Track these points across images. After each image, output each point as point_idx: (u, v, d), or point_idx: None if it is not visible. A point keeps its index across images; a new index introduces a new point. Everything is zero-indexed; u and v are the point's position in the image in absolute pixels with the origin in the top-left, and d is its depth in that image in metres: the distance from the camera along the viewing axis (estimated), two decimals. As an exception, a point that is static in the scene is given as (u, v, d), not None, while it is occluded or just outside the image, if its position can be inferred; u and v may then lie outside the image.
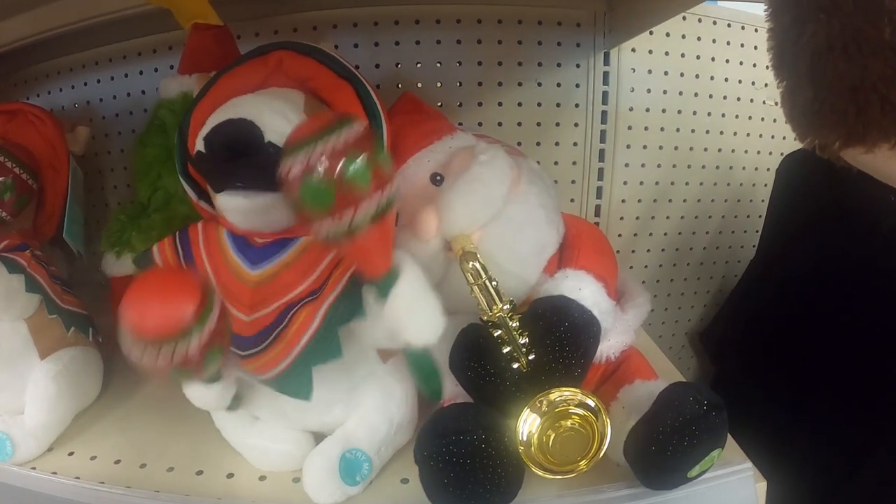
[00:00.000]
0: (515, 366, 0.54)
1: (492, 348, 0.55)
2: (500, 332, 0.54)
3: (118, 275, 0.84)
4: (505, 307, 0.54)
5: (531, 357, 0.54)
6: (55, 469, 0.63)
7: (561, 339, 0.55)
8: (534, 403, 0.53)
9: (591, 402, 0.53)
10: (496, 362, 0.55)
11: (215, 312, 0.46)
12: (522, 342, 0.54)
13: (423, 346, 0.50)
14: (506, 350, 0.54)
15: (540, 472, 0.54)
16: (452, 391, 0.60)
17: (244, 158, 0.50)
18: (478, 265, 0.55)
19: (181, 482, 0.61)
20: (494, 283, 0.54)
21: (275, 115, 0.51)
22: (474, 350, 0.56)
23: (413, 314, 0.50)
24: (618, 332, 0.63)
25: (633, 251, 1.08)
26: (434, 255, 0.61)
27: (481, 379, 0.55)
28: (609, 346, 0.62)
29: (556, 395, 0.53)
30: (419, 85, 0.94)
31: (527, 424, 0.53)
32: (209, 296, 0.46)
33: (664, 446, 0.50)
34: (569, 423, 0.53)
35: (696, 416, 0.50)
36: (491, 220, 0.61)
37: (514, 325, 0.54)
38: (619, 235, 1.05)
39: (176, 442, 0.67)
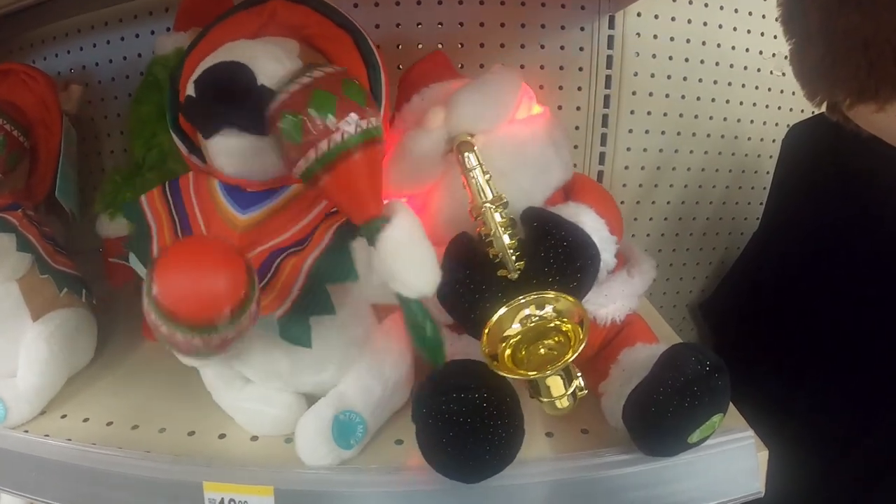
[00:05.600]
0: (502, 273, 0.53)
1: (479, 255, 0.54)
2: (488, 235, 0.53)
3: (112, 236, 0.84)
4: (492, 200, 0.54)
5: (519, 265, 0.53)
6: (47, 432, 0.63)
7: (555, 247, 0.53)
8: (516, 304, 0.51)
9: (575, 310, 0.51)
10: (483, 269, 0.54)
11: (254, 308, 0.45)
12: (508, 242, 0.53)
13: (416, 299, 0.49)
14: (493, 254, 0.53)
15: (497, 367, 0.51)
16: (456, 348, 0.59)
17: (236, 100, 0.49)
18: (472, 156, 0.55)
19: (172, 443, 0.61)
20: (488, 176, 0.55)
21: (268, 59, 0.50)
22: (460, 257, 0.54)
23: (404, 261, 0.48)
24: (624, 296, 0.62)
25: (634, 219, 1.07)
26: (436, 149, 0.61)
27: (467, 290, 0.53)
28: (615, 308, 0.61)
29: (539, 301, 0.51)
30: (420, 46, 0.93)
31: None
32: (252, 288, 0.45)
33: (664, 408, 0.49)
34: (549, 342, 0.52)
35: (698, 377, 0.49)
36: (496, 128, 0.61)
37: (500, 219, 0.53)
38: (622, 203, 1.04)
39: (168, 403, 0.67)
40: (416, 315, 0.49)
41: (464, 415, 0.48)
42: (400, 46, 0.92)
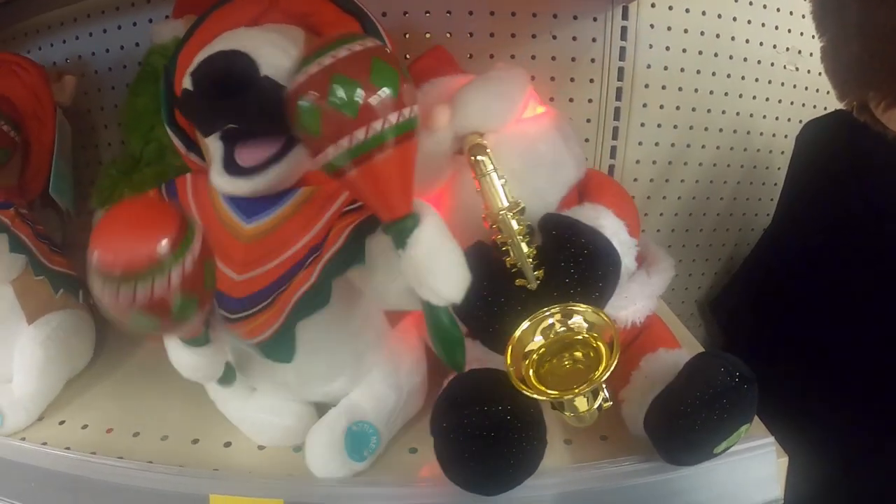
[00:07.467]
0: (521, 283, 0.52)
1: (496, 264, 0.52)
2: (505, 243, 0.52)
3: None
4: (508, 207, 0.52)
5: (538, 274, 0.51)
6: (45, 439, 0.61)
7: (575, 256, 0.51)
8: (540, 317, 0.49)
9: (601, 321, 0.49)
10: (501, 280, 0.52)
11: (194, 249, 0.41)
12: (527, 250, 0.52)
13: (444, 305, 0.45)
14: (510, 263, 0.51)
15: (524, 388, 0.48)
16: (472, 355, 0.56)
17: (236, 94, 0.45)
18: (485, 158, 0.53)
19: (176, 451, 0.59)
20: (503, 180, 0.53)
21: (272, 48, 0.47)
22: (476, 267, 0.50)
23: (434, 265, 0.44)
24: (644, 297, 0.60)
25: (645, 214, 1.05)
26: (442, 150, 0.59)
27: (484, 302, 0.51)
28: (635, 310, 0.59)
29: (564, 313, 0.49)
30: (428, 35, 0.90)
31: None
32: (189, 229, 0.41)
33: (692, 420, 0.48)
34: (577, 354, 0.50)
35: (728, 389, 0.48)
36: (505, 126, 0.59)
37: (517, 227, 0.51)
38: (633, 197, 1.01)
39: (171, 409, 0.65)
40: (443, 321, 0.46)
41: (487, 429, 0.47)
42: (407, 35, 0.90)
